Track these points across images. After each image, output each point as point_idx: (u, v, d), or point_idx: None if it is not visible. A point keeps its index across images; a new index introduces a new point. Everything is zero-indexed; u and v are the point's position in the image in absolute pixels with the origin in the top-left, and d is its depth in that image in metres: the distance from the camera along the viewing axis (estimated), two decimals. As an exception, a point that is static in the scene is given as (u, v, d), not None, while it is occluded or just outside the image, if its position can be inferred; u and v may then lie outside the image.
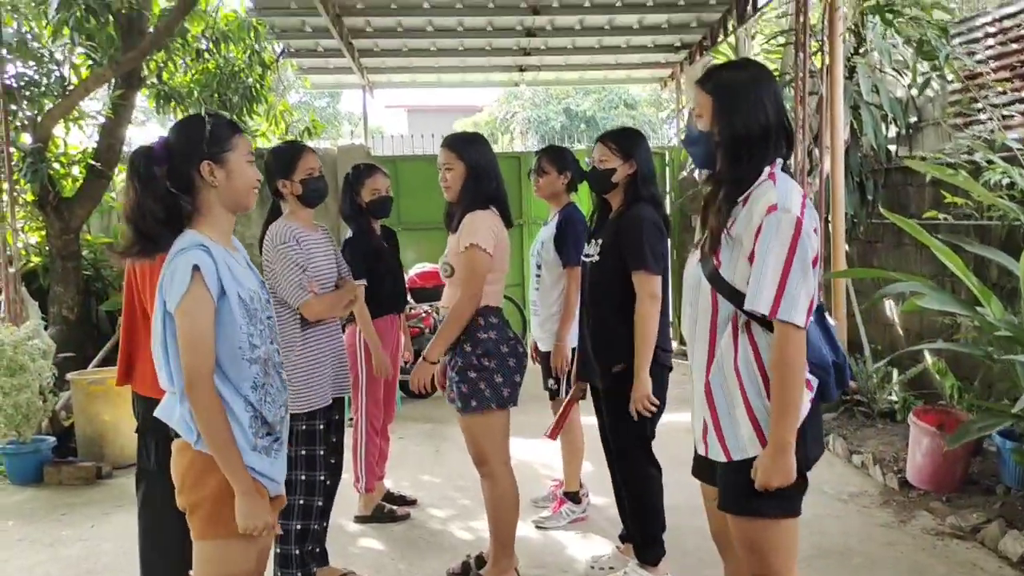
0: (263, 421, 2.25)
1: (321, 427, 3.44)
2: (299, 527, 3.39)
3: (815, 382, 2.23)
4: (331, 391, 3.51)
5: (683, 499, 4.20)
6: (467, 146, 3.44)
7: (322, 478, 3.46)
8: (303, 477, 3.38)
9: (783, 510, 2.22)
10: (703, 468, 2.45)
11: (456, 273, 3.40)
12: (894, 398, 5.87)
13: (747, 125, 2.21)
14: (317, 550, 3.59)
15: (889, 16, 6.24)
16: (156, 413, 2.27)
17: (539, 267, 4.34)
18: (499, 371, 3.38)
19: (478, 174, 3.39)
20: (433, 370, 3.40)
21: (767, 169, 2.23)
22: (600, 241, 3.54)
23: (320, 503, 3.48)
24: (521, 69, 10.74)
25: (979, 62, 6.18)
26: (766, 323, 2.20)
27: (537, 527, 4.36)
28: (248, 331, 2.21)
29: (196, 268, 2.11)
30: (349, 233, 4.42)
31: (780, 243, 2.12)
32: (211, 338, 2.14)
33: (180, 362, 2.13)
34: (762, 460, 2.17)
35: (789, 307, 2.11)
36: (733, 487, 2.27)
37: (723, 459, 2.28)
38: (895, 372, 6.03)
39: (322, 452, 3.45)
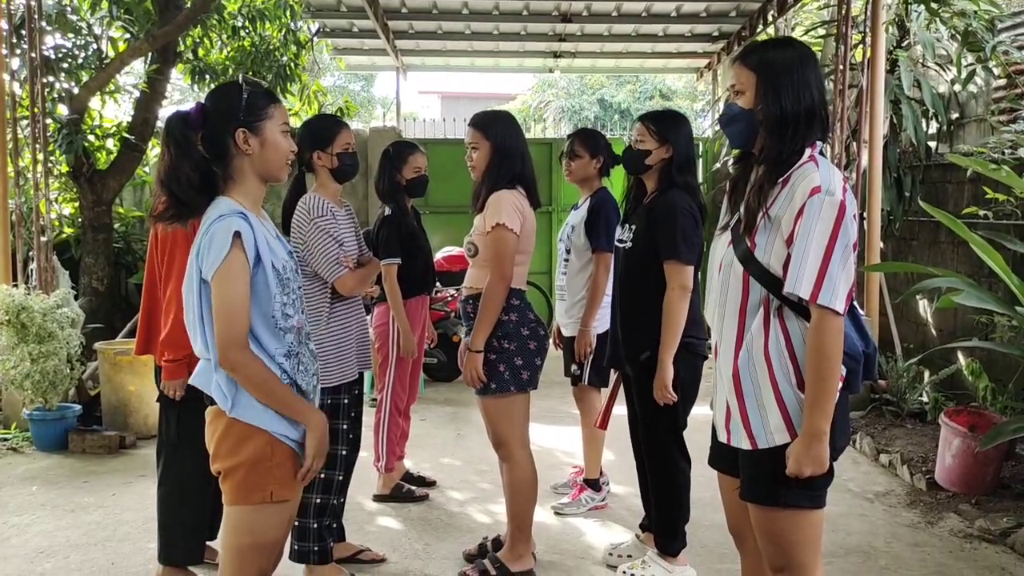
0: (297, 389, 2.25)
1: (345, 401, 3.44)
2: (319, 500, 3.38)
3: (844, 371, 2.17)
4: (356, 366, 3.49)
5: (707, 493, 4.15)
6: (493, 125, 3.39)
7: (343, 452, 3.45)
8: (325, 450, 3.38)
9: (809, 500, 2.17)
10: (722, 457, 2.39)
11: (481, 254, 3.36)
12: (924, 398, 5.76)
13: (794, 104, 2.16)
14: (334, 525, 3.59)
15: (934, 5, 6.07)
16: (191, 381, 2.26)
17: (567, 252, 4.28)
18: (519, 354, 3.33)
19: (504, 153, 3.34)
20: (480, 359, 3.31)
21: (808, 151, 2.18)
22: (634, 227, 3.47)
23: (340, 477, 3.48)
24: (556, 55, 10.67)
25: (1027, 56, 6.02)
26: (799, 308, 2.15)
27: (556, 513, 4.33)
28: (281, 300, 2.21)
29: (237, 235, 2.09)
30: (387, 211, 4.37)
31: (823, 227, 2.07)
32: (247, 304, 2.13)
33: (214, 328, 2.12)
34: (795, 448, 2.11)
35: (829, 292, 2.05)
36: (757, 476, 2.21)
37: (747, 447, 2.22)
38: (926, 372, 5.91)
39: (345, 426, 3.45)
